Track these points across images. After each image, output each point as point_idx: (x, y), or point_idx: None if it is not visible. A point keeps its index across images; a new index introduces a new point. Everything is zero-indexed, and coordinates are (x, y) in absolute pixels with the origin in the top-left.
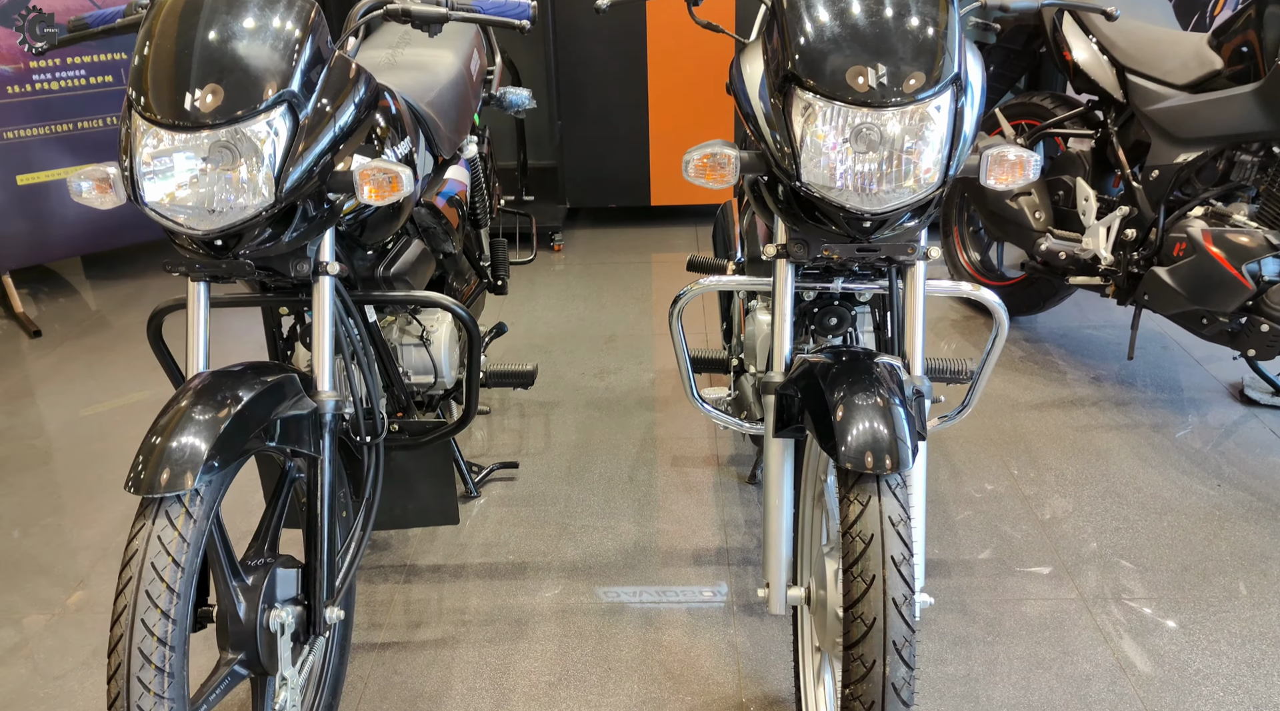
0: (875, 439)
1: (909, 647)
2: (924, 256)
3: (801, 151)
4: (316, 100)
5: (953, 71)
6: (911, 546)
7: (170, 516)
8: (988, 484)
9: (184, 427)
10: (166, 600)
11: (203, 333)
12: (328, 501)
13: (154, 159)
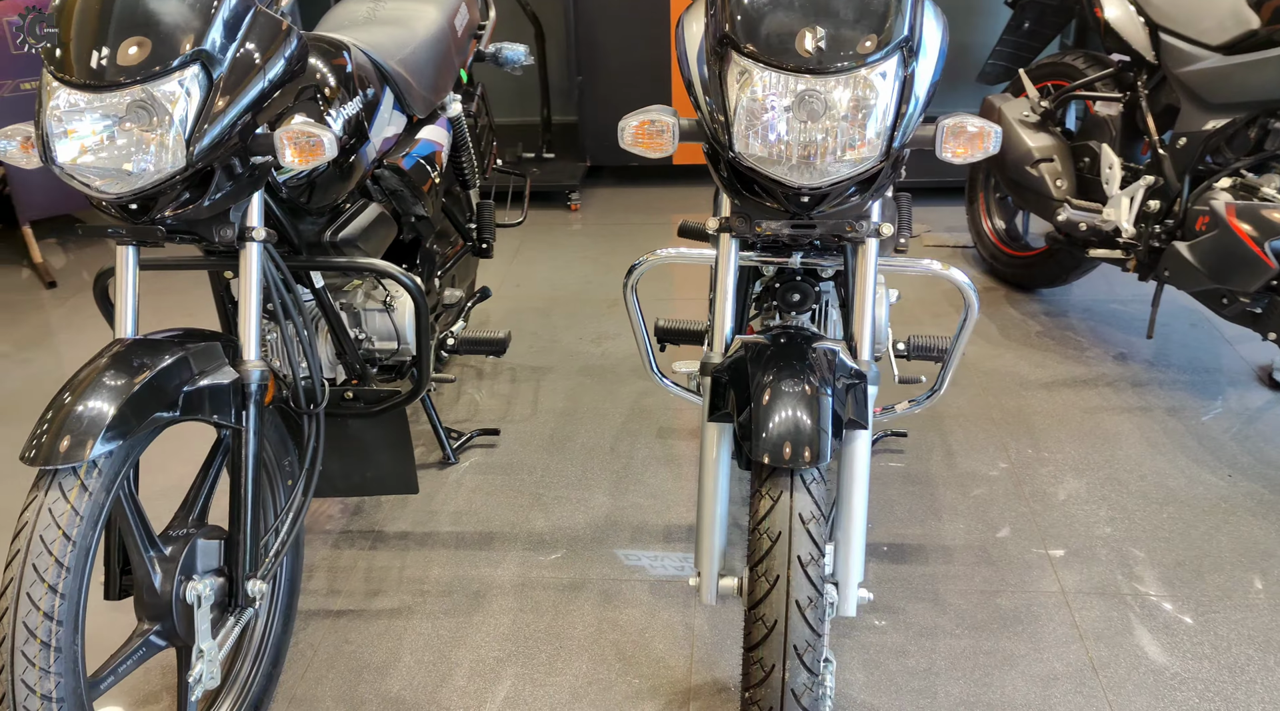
0: (792, 430)
1: (812, 653)
2: (874, 234)
3: (734, 121)
4: (234, 58)
5: (901, 35)
6: (822, 546)
7: (64, 489)
8: (981, 466)
9: (86, 397)
10: (54, 574)
11: (130, 298)
12: (251, 473)
13: (64, 119)
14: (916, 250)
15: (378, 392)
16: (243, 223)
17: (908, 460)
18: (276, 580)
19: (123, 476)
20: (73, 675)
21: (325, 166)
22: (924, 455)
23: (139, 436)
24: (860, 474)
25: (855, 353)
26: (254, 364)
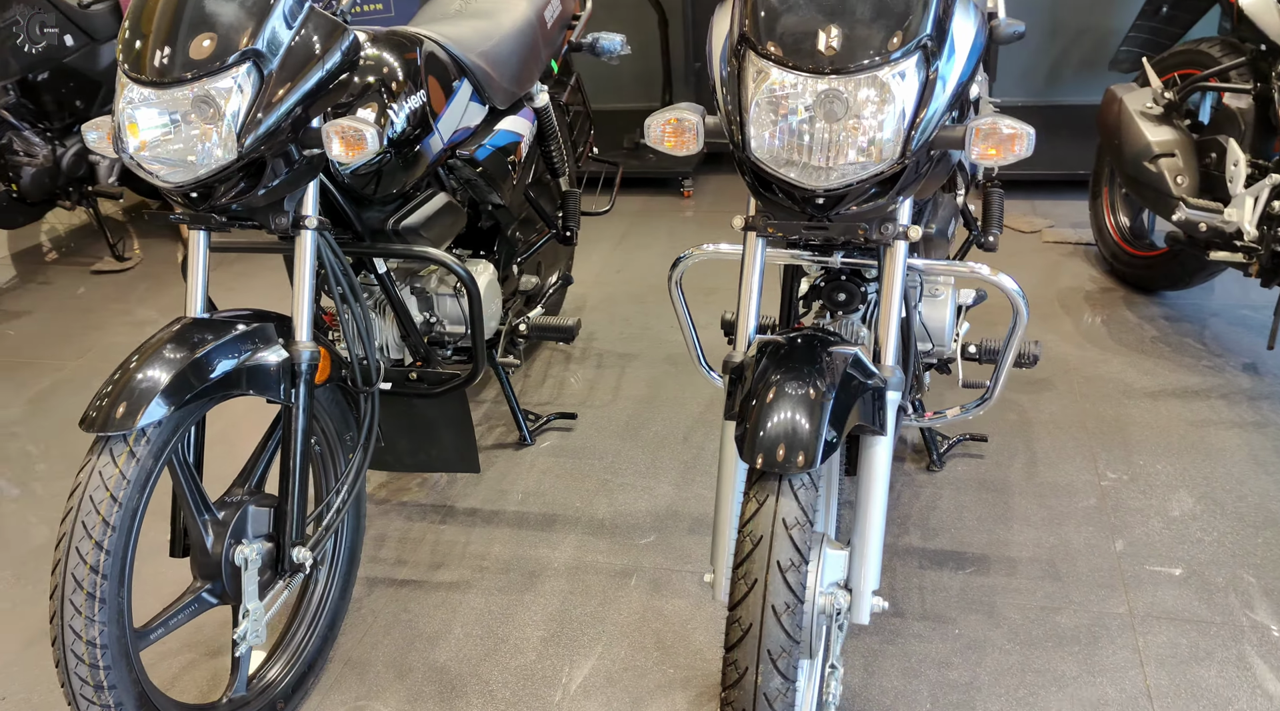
0: (784, 434)
1: (787, 659)
2: (901, 236)
3: (748, 120)
4: (286, 56)
5: (922, 34)
6: (806, 553)
7: (114, 454)
8: (1064, 476)
9: (141, 370)
10: (101, 532)
11: (200, 278)
12: (299, 447)
13: (133, 112)
14: (1035, 246)
15: (439, 374)
16: (297, 211)
17: (985, 465)
18: (336, 549)
19: (173, 445)
20: (116, 624)
21: (389, 156)
22: (1004, 461)
23: (189, 408)
24: (879, 481)
25: (878, 357)
26: (305, 345)
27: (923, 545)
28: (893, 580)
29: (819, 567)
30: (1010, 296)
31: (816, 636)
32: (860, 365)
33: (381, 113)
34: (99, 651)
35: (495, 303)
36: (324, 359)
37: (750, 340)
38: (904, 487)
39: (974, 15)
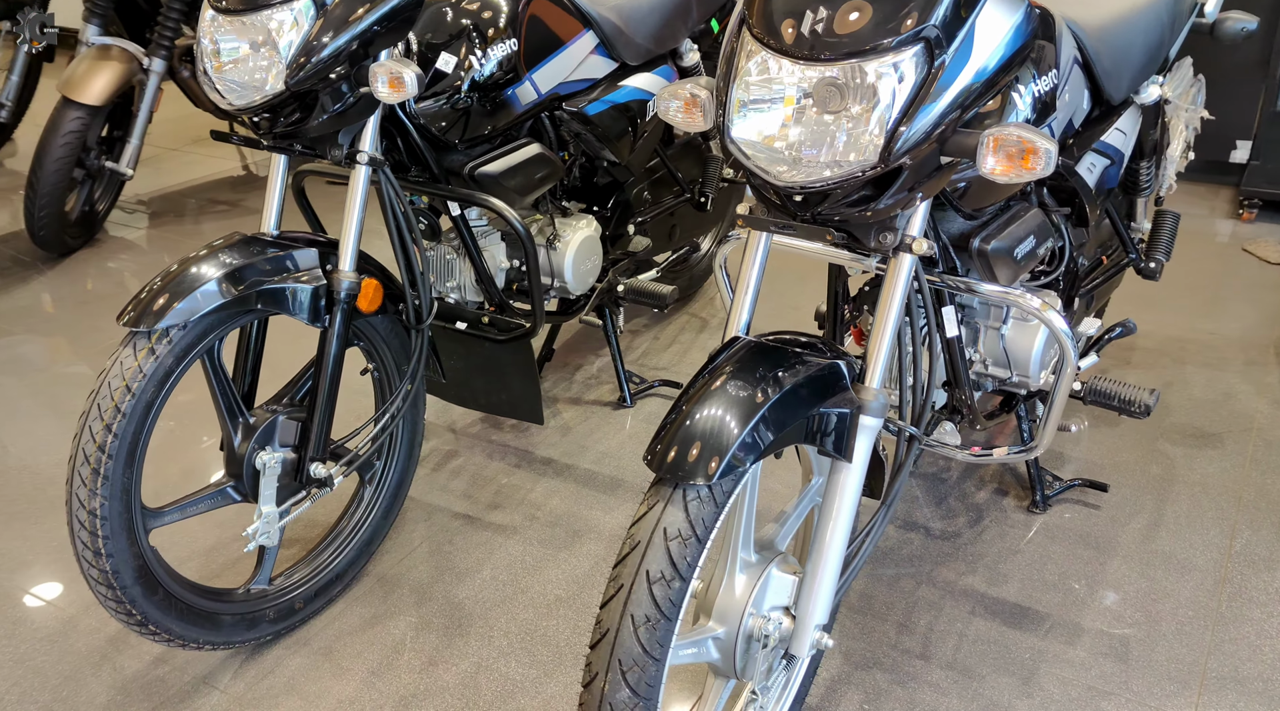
0: (690, 442)
1: (638, 673)
2: (905, 248)
3: (731, 103)
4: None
5: (925, 25)
6: (684, 570)
7: (137, 349)
8: (1186, 549)
9: (179, 276)
10: (112, 415)
11: (275, 198)
12: (330, 370)
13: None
14: (1235, 259)
15: (508, 322)
16: (353, 144)
17: (1097, 518)
18: (385, 472)
19: (202, 348)
20: (119, 500)
21: (469, 100)
22: (1121, 517)
23: (219, 316)
24: (842, 512)
25: (863, 378)
26: (346, 274)
27: (984, 589)
28: (935, 619)
29: (757, 587)
30: (1057, 336)
31: (741, 658)
32: (828, 383)
33: (466, 57)
34: (99, 521)
35: (591, 260)
36: (373, 290)
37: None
38: (992, 523)
39: (1018, 12)
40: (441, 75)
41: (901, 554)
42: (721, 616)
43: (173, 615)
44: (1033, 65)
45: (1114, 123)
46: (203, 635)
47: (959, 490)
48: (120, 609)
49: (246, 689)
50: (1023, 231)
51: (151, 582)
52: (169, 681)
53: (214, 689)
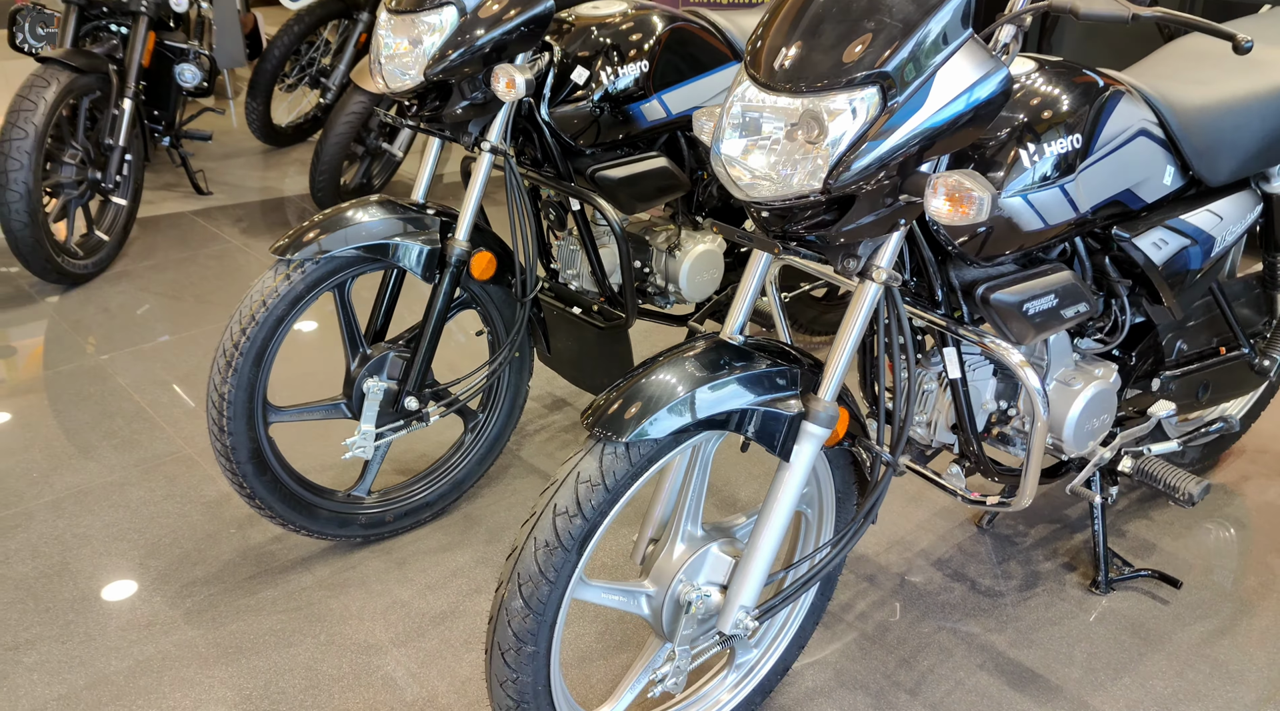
0: (619, 403)
1: (532, 588)
2: (866, 275)
3: (721, 123)
4: (477, 8)
5: (875, 70)
6: (588, 512)
7: (277, 273)
8: (1246, 661)
9: (321, 222)
10: (248, 321)
11: (427, 172)
12: (434, 321)
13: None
14: None
15: (612, 313)
16: (480, 134)
17: (1159, 613)
18: (486, 424)
19: (331, 283)
20: (244, 390)
21: (600, 111)
22: (1187, 617)
23: (345, 259)
24: (779, 508)
25: (816, 389)
26: (459, 242)
27: (1004, 649)
28: (940, 663)
29: (693, 559)
30: (1029, 392)
31: (669, 621)
32: (773, 385)
33: (599, 72)
34: (225, 404)
35: (708, 272)
36: (487, 261)
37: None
38: (1044, 592)
39: (985, 68)
40: (575, 85)
41: (938, 599)
42: (656, 577)
43: (276, 496)
44: (1063, 127)
45: (1206, 204)
46: (299, 520)
47: (1025, 555)
48: (234, 480)
49: (330, 575)
50: (1040, 289)
51: (262, 464)
52: (277, 556)
53: (306, 570)
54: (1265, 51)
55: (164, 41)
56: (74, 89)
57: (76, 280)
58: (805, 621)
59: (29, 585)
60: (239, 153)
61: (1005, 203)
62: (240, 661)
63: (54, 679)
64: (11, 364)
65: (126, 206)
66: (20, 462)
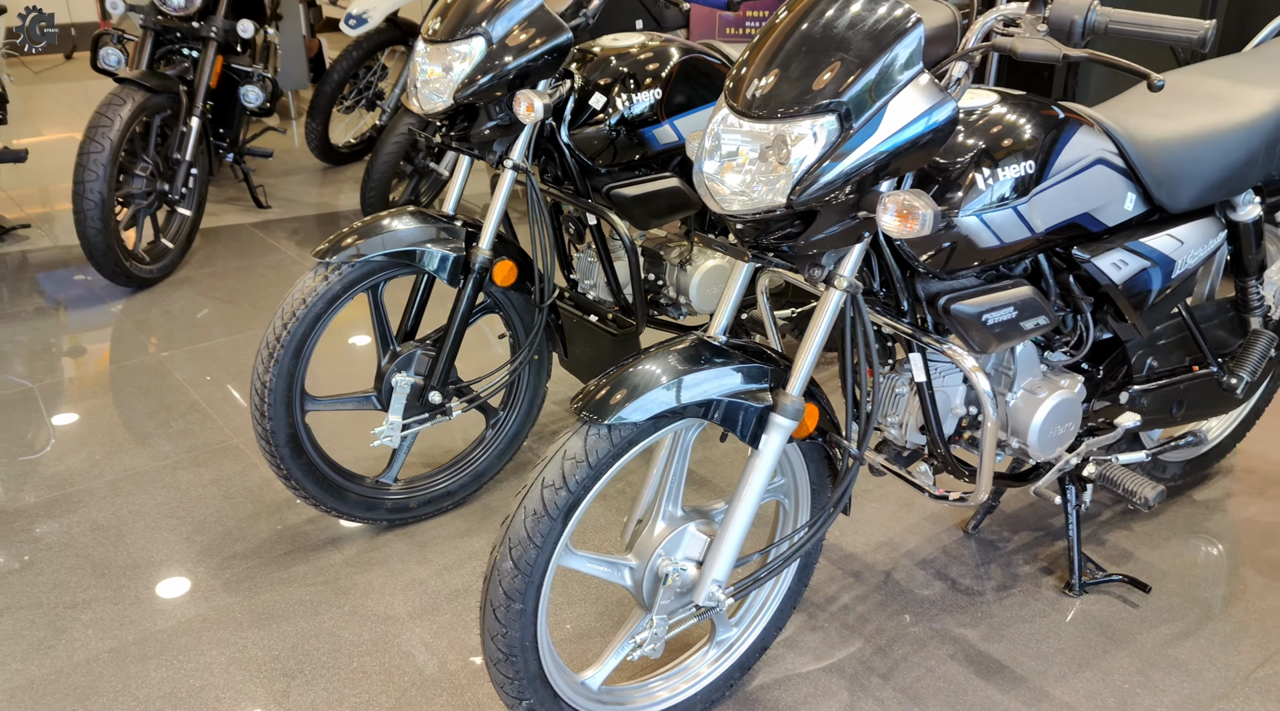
0: (604, 391)
1: (520, 551)
2: (827, 281)
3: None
4: (504, 39)
5: (833, 100)
6: (570, 484)
7: (316, 274)
8: (1202, 660)
9: (357, 230)
10: (289, 316)
11: (457, 186)
12: (457, 323)
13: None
14: None
15: (626, 322)
16: (503, 152)
17: (1127, 615)
18: (505, 422)
19: (364, 285)
20: (284, 379)
21: (616, 134)
22: (1154, 620)
23: (379, 263)
24: (748, 493)
25: (785, 384)
26: (482, 251)
27: (975, 642)
28: (913, 652)
29: (672, 536)
30: (980, 396)
31: (649, 592)
32: (746, 379)
33: (614, 98)
34: (266, 390)
35: (716, 286)
36: (508, 268)
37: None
38: (1020, 592)
39: (933, 100)
40: (593, 110)
41: (918, 596)
42: (639, 551)
43: (310, 478)
44: (1018, 153)
45: (1167, 229)
46: (330, 501)
47: (1007, 558)
48: (272, 462)
49: (356, 554)
50: (999, 302)
51: (298, 448)
52: (310, 536)
53: (335, 549)
54: (1232, 88)
55: (231, 65)
56: (147, 107)
57: (143, 284)
58: (783, 604)
59: (88, 553)
60: (298, 170)
61: (962, 221)
62: (271, 626)
63: (106, 634)
64: (81, 359)
65: (191, 217)
66: (85, 448)
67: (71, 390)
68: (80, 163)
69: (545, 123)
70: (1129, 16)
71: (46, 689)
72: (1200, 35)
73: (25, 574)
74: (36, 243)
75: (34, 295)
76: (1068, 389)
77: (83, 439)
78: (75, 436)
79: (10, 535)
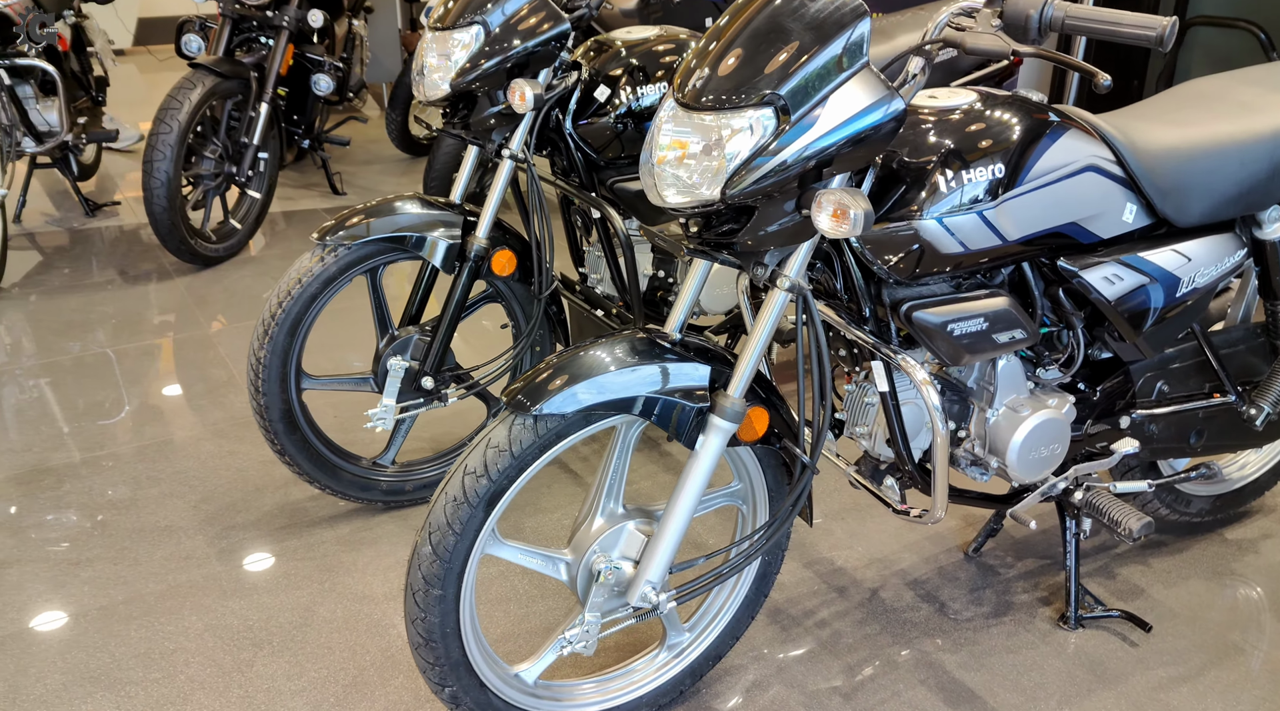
0: (533, 382)
1: (439, 537)
2: (770, 281)
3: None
4: (502, 27)
5: (771, 92)
6: (491, 473)
7: (314, 255)
8: (1196, 706)
9: (355, 213)
10: (285, 296)
11: (466, 173)
12: (452, 310)
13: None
14: None
15: (624, 317)
16: (501, 142)
17: (1123, 654)
18: None
19: (362, 267)
20: (278, 356)
21: (622, 127)
22: (1151, 661)
23: (375, 247)
24: (686, 493)
25: (726, 385)
26: (478, 240)
27: (952, 669)
28: (883, 674)
29: (609, 532)
30: (930, 411)
31: (583, 587)
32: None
33: (620, 90)
34: (261, 366)
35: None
36: (507, 258)
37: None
38: (1011, 621)
39: (877, 96)
40: (599, 103)
41: (903, 617)
42: (576, 546)
43: (303, 455)
44: (987, 155)
45: (1172, 244)
46: (323, 478)
47: (1005, 585)
48: (266, 435)
49: (349, 533)
50: (967, 312)
51: (292, 424)
52: (309, 511)
53: (330, 527)
54: (1265, 96)
55: (305, 53)
56: (217, 92)
57: (209, 262)
58: (740, 612)
59: (102, 514)
60: (379, 159)
61: (923, 225)
62: (252, 597)
63: (99, 592)
64: (137, 329)
65: (260, 199)
66: (122, 412)
67: (122, 360)
68: (150, 143)
69: (552, 113)
70: (1086, 13)
71: (32, 639)
72: (1158, 33)
73: (41, 529)
74: (124, 219)
75: (109, 268)
76: (1054, 409)
77: (121, 405)
78: (115, 402)
79: (38, 492)
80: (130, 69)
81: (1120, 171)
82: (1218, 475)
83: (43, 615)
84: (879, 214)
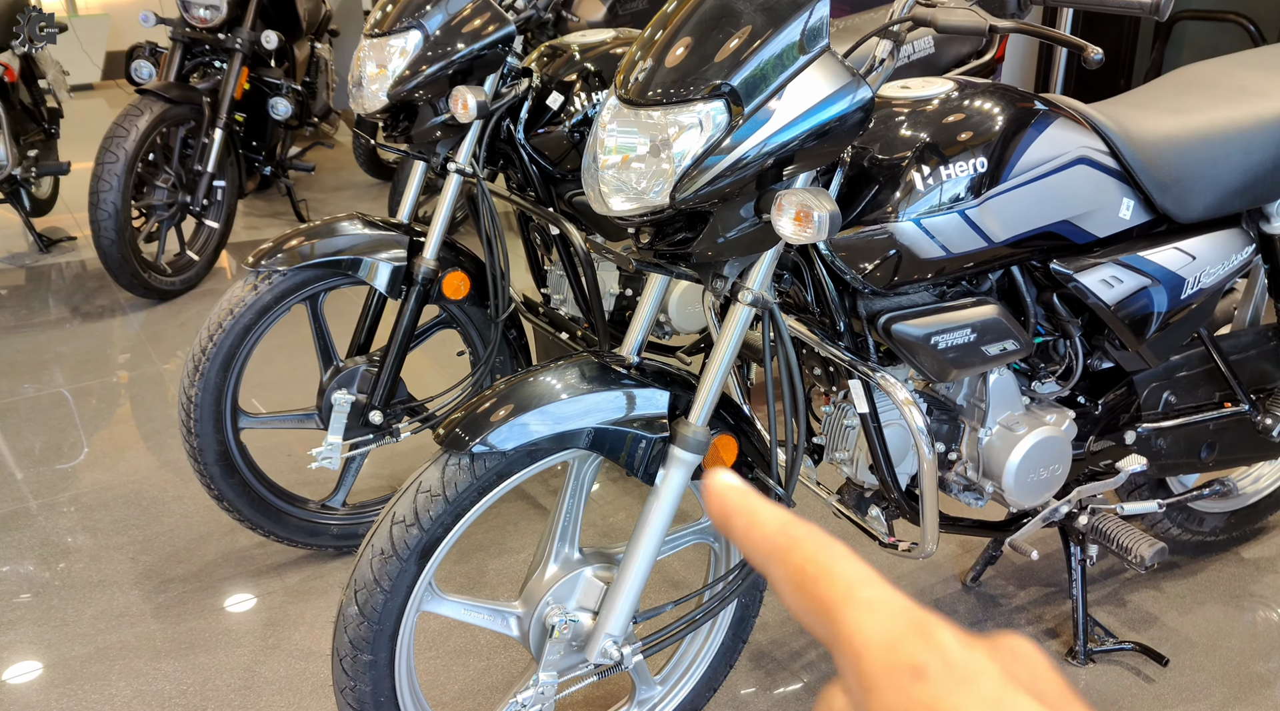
0: (470, 417)
1: (366, 595)
2: (729, 296)
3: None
4: (442, 32)
5: (721, 83)
6: (423, 520)
7: (246, 283)
8: None
9: (290, 237)
10: (216, 329)
11: (412, 193)
12: (400, 338)
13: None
14: None
15: (590, 340)
16: (446, 155)
17: (1138, 690)
18: None
19: (300, 295)
20: (211, 394)
21: (576, 138)
22: (1169, 699)
23: (313, 272)
24: (646, 535)
25: (686, 413)
26: (426, 261)
27: None
28: None
29: (564, 581)
30: (914, 434)
31: (536, 642)
32: (637, 406)
33: (573, 98)
34: (193, 405)
35: (698, 305)
36: (459, 280)
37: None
38: None
39: (840, 83)
40: (552, 111)
41: None
42: (527, 598)
43: (243, 500)
44: (967, 149)
45: (1174, 242)
46: (267, 525)
47: (1007, 617)
48: (201, 479)
49: (299, 582)
50: (952, 323)
51: (230, 467)
52: (255, 559)
53: (277, 577)
54: (1266, 80)
55: (262, 77)
56: (166, 118)
57: (164, 295)
58: (717, 661)
59: (29, 570)
60: (349, 185)
61: (899, 228)
62: (188, 657)
63: (20, 657)
64: (85, 369)
65: (219, 229)
66: (62, 457)
67: (68, 402)
68: (96, 173)
69: (503, 124)
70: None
71: None
72: (1154, 2)
73: None
74: (81, 254)
75: (62, 306)
76: (1053, 425)
77: (62, 449)
78: (53, 447)
79: None
80: (98, 102)
81: (1114, 163)
82: (1232, 490)
83: None
84: (849, 217)
